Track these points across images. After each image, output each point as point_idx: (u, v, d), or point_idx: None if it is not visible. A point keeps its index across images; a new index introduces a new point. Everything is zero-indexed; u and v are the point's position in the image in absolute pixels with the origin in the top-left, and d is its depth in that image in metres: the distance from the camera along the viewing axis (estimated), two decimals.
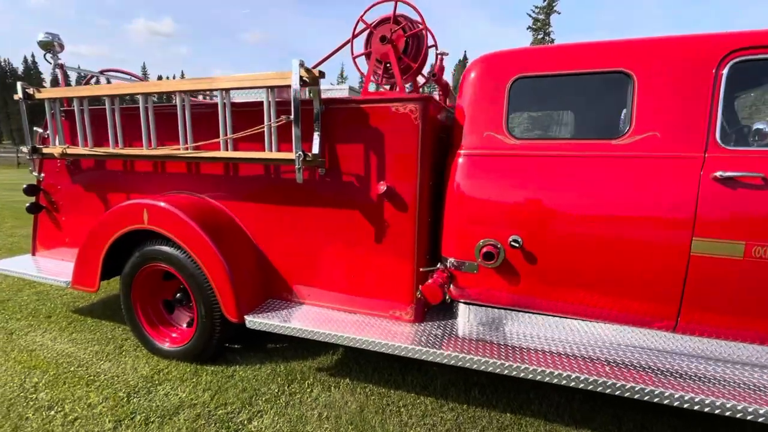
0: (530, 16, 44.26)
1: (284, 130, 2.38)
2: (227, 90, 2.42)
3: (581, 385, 1.92)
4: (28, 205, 3.37)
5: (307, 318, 2.49)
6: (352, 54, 3.09)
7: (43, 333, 3.22)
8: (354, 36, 3.03)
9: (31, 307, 3.70)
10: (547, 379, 1.96)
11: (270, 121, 2.33)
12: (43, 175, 3.36)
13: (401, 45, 2.83)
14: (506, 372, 2.02)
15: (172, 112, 2.75)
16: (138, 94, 2.66)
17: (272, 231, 2.66)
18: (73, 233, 3.34)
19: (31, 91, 2.96)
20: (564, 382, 1.94)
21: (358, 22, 2.95)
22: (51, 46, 3.05)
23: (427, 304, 2.15)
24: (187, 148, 2.59)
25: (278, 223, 2.64)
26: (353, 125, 2.35)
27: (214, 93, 2.81)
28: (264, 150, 2.49)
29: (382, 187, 2.29)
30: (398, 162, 2.30)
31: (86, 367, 2.74)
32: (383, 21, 2.87)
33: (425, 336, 2.29)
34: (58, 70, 3.13)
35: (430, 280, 2.22)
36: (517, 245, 2.11)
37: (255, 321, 2.48)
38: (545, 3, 43.23)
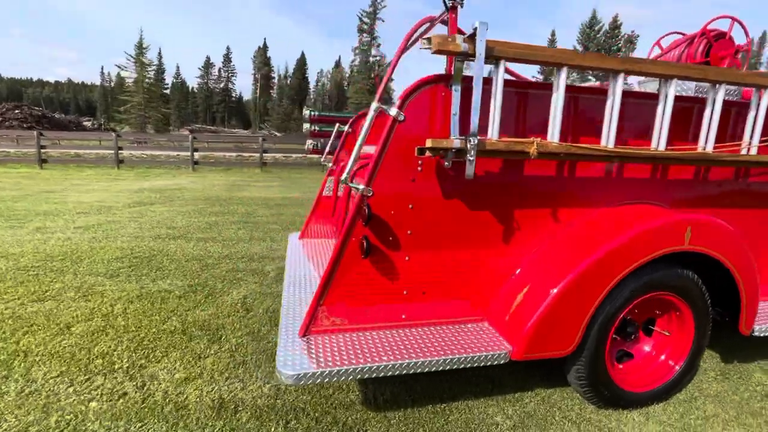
0: (359, 18, 53.00)
1: None
2: None
3: None
4: (365, 243, 1.85)
5: None
6: (691, 57, 3.08)
7: None
8: (695, 39, 3.03)
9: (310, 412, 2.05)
10: None
11: None
12: (371, 189, 1.90)
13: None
14: None
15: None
16: None
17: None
18: (430, 278, 2.10)
19: (460, 42, 1.68)
20: None
21: (701, 31, 2.97)
22: None
23: None
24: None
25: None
26: None
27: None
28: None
29: None
30: None
31: None
32: (720, 36, 3.01)
33: None
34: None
35: None
36: None
37: (763, 328, 2.38)
38: (371, 9, 52.47)
